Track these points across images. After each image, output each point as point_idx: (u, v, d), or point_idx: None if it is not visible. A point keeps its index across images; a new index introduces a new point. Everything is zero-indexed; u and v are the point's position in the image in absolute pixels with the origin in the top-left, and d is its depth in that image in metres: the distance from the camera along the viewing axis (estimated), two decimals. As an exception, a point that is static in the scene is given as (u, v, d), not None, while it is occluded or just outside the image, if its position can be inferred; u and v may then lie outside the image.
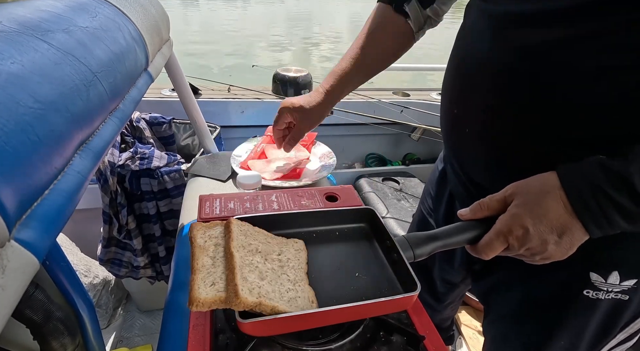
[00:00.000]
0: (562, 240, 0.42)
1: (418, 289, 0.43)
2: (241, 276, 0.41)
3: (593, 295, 0.50)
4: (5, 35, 0.32)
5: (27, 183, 0.27)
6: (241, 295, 0.38)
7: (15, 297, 0.25)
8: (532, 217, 0.42)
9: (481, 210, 0.47)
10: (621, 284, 0.49)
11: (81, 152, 0.37)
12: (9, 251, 0.24)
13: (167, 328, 0.57)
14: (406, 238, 0.48)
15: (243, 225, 0.49)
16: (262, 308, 0.39)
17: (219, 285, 0.41)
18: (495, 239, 0.44)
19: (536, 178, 0.43)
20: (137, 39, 0.57)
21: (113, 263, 1.23)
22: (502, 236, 0.44)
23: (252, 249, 0.47)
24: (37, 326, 0.39)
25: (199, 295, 0.40)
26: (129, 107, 0.51)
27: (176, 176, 1.11)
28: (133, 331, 1.39)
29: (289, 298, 0.43)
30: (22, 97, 0.28)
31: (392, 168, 1.95)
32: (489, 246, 0.45)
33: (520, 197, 0.43)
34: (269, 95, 1.72)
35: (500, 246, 0.44)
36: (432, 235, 0.47)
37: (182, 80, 0.99)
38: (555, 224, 0.41)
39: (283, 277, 0.46)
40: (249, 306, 0.39)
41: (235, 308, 0.39)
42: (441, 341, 0.49)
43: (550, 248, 0.42)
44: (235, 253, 0.43)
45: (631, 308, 0.51)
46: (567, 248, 0.42)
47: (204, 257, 0.45)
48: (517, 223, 0.42)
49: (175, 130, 1.38)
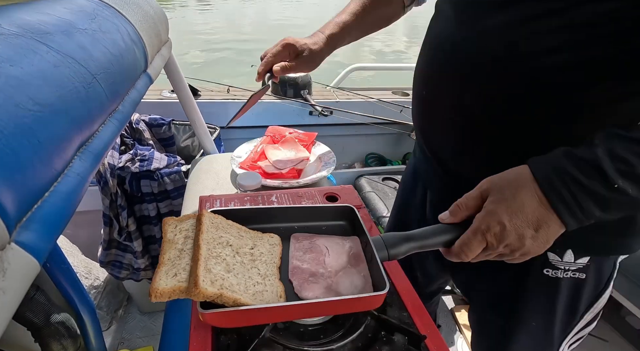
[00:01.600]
0: (539, 234, 0.42)
1: (386, 289, 0.43)
2: (205, 267, 0.41)
3: (553, 274, 0.53)
4: (4, 38, 0.32)
5: (27, 186, 0.27)
6: (201, 285, 0.38)
7: (16, 300, 0.25)
8: (509, 212, 0.41)
9: (460, 210, 0.46)
10: (576, 262, 0.52)
11: (81, 154, 0.37)
12: (9, 253, 0.24)
13: (169, 329, 0.57)
14: (382, 238, 0.48)
15: (215, 218, 0.49)
16: (224, 300, 0.39)
17: (180, 276, 0.41)
18: (472, 238, 0.43)
19: (510, 172, 0.44)
20: (135, 40, 0.57)
21: (113, 265, 1.23)
22: (479, 234, 0.43)
23: (222, 242, 0.47)
24: (38, 329, 0.40)
25: (158, 286, 0.40)
26: (128, 108, 0.52)
27: (176, 177, 1.11)
28: (134, 332, 1.39)
29: (255, 292, 0.43)
30: (21, 99, 0.28)
31: (392, 167, 1.95)
32: (467, 246, 0.44)
33: (495, 193, 0.43)
34: (268, 96, 1.72)
35: (479, 245, 0.44)
36: (408, 236, 0.47)
37: (181, 82, 0.99)
38: (531, 218, 0.41)
39: (253, 271, 0.46)
40: (208, 297, 0.38)
41: (194, 299, 0.39)
42: (442, 340, 0.49)
43: (527, 242, 0.42)
44: (203, 245, 0.43)
45: (590, 287, 0.54)
46: (544, 242, 0.42)
47: (171, 250, 0.45)
48: (494, 219, 0.42)
49: (175, 132, 1.38)
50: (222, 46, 7.62)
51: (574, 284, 0.53)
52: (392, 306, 0.54)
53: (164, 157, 1.14)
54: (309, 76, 1.76)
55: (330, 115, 1.68)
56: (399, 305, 0.54)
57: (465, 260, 0.45)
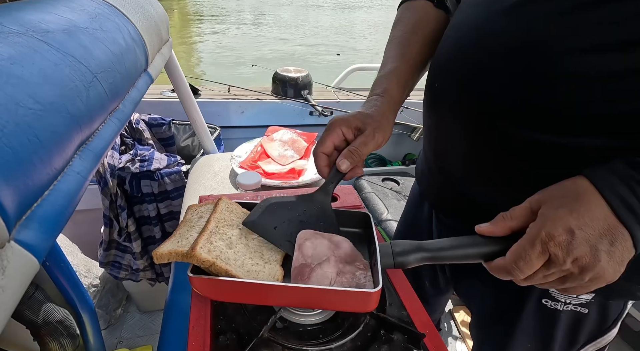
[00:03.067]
0: (615, 249, 0.33)
1: (377, 288, 0.42)
2: (207, 238, 0.44)
3: (552, 305, 0.51)
4: (5, 36, 0.32)
5: (27, 184, 0.27)
6: (197, 250, 0.41)
7: (15, 298, 0.25)
8: (576, 217, 0.33)
9: (504, 220, 0.38)
10: (579, 297, 0.49)
11: (81, 153, 0.37)
12: (9, 252, 0.24)
13: (167, 328, 0.57)
14: (391, 244, 0.45)
15: (231, 204, 0.52)
16: (216, 269, 0.42)
17: (181, 243, 0.45)
18: (530, 248, 0.34)
19: (565, 182, 0.37)
20: (136, 39, 0.57)
21: (113, 265, 1.23)
22: (539, 244, 0.34)
23: (232, 224, 0.49)
24: (37, 327, 0.40)
25: (158, 249, 0.43)
26: (128, 107, 0.52)
27: (176, 178, 1.11)
28: (133, 332, 1.39)
29: (250, 270, 0.44)
30: (22, 98, 0.28)
31: (392, 168, 1.95)
32: (523, 258, 0.35)
33: (555, 199, 0.35)
34: (268, 96, 1.72)
35: (538, 259, 0.35)
36: (420, 246, 0.43)
37: (181, 81, 0.99)
38: (604, 227, 0.33)
39: (256, 254, 0.47)
40: (202, 262, 0.41)
41: (190, 261, 0.41)
42: (441, 339, 0.49)
43: (603, 258, 0.33)
44: (212, 221, 0.46)
45: (593, 322, 0.51)
46: (619, 262, 0.34)
47: (184, 226, 0.49)
48: (558, 224, 0.33)
49: (175, 131, 1.38)
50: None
51: (575, 317, 0.50)
52: (391, 306, 0.54)
53: (164, 157, 1.14)
54: (310, 76, 1.76)
55: (330, 115, 1.68)
56: (398, 304, 0.54)
57: (519, 277, 0.36)
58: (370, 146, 0.51)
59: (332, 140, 0.51)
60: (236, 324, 0.49)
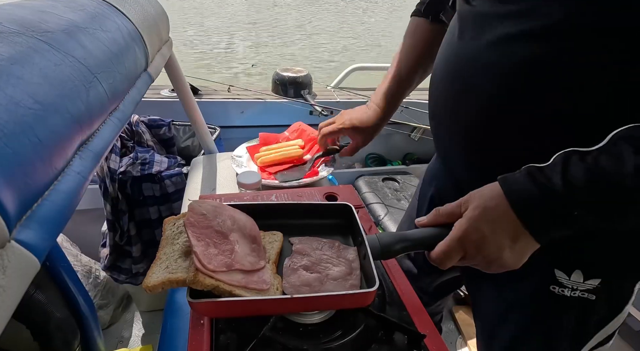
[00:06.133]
0: (516, 246, 0.42)
1: (375, 286, 0.43)
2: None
3: (559, 292, 0.52)
4: (5, 36, 0.32)
5: (27, 184, 0.27)
6: (200, 275, 0.40)
7: (15, 298, 0.25)
8: (488, 221, 0.42)
9: (436, 216, 0.47)
10: (585, 282, 0.50)
11: (81, 153, 0.37)
12: (9, 252, 0.24)
13: (168, 328, 0.57)
14: (377, 236, 0.49)
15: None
16: (219, 291, 0.41)
17: (172, 267, 0.43)
18: (451, 245, 0.44)
19: (487, 187, 0.44)
20: (136, 39, 0.57)
21: (113, 269, 1.22)
22: (458, 241, 0.43)
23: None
24: (37, 327, 0.40)
25: (149, 282, 0.41)
26: (128, 107, 0.52)
27: (177, 180, 1.11)
28: (133, 331, 1.39)
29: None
30: (22, 98, 0.28)
31: (392, 168, 1.95)
32: (445, 253, 0.44)
33: (475, 202, 0.43)
34: (268, 96, 1.72)
35: (457, 254, 0.44)
36: (403, 236, 0.48)
37: (182, 81, 0.99)
38: (508, 229, 0.41)
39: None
40: (205, 286, 0.40)
41: (193, 287, 0.40)
42: (441, 340, 0.49)
43: (505, 254, 0.42)
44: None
45: (600, 308, 0.52)
46: (520, 255, 0.43)
47: (167, 246, 0.47)
48: (474, 226, 0.42)
49: (175, 132, 1.38)
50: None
51: (582, 304, 0.52)
52: (391, 306, 0.54)
53: (164, 160, 1.13)
54: (309, 76, 1.76)
55: (330, 115, 1.68)
56: (398, 305, 0.54)
57: (443, 267, 0.46)
58: (350, 151, 0.86)
59: (338, 135, 0.86)
60: (236, 324, 0.49)
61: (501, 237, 0.42)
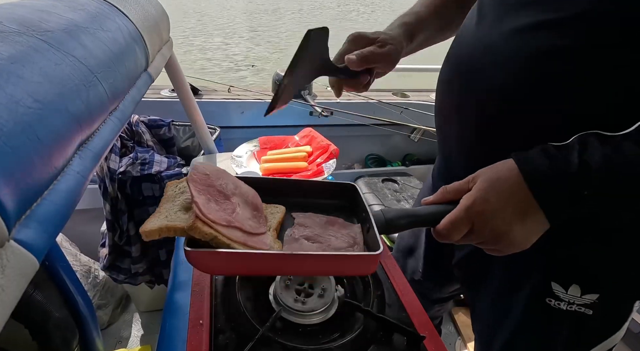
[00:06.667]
0: (527, 223, 0.40)
1: (380, 250, 0.42)
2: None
3: (555, 305, 0.51)
4: (5, 35, 0.32)
5: (27, 184, 0.27)
6: (198, 223, 0.39)
7: (14, 297, 0.24)
8: (498, 192, 0.40)
9: (443, 193, 0.45)
10: (583, 297, 0.49)
11: (81, 152, 0.37)
12: (8, 251, 0.24)
13: (167, 328, 0.57)
14: (382, 211, 0.47)
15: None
16: (218, 242, 0.40)
17: (170, 217, 0.42)
18: (458, 215, 0.42)
19: (498, 163, 0.43)
20: (137, 39, 0.57)
21: (112, 269, 1.22)
22: (465, 211, 0.41)
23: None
24: (36, 327, 0.40)
25: (146, 227, 0.40)
26: (128, 107, 0.51)
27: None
28: (132, 331, 1.39)
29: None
30: (22, 97, 0.28)
31: (391, 168, 1.95)
32: (452, 223, 0.42)
33: (485, 176, 0.42)
34: (268, 96, 1.72)
35: (464, 225, 0.42)
36: (409, 212, 0.47)
37: (182, 81, 0.99)
38: (519, 203, 0.40)
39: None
40: (203, 235, 0.39)
41: (191, 234, 0.39)
42: (441, 341, 0.49)
43: (515, 229, 0.40)
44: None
45: (598, 324, 0.51)
46: (530, 233, 0.41)
47: (167, 202, 0.46)
48: (483, 197, 0.41)
49: (175, 133, 1.38)
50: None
51: (579, 318, 0.51)
52: (391, 307, 0.54)
53: (164, 160, 1.13)
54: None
55: (330, 115, 1.68)
56: (397, 306, 0.54)
57: (450, 240, 0.43)
58: (384, 63, 0.57)
59: (365, 43, 0.55)
60: (236, 324, 0.49)
61: (511, 210, 0.40)
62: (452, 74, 0.55)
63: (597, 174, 0.37)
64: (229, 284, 0.55)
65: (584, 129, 0.40)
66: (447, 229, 0.43)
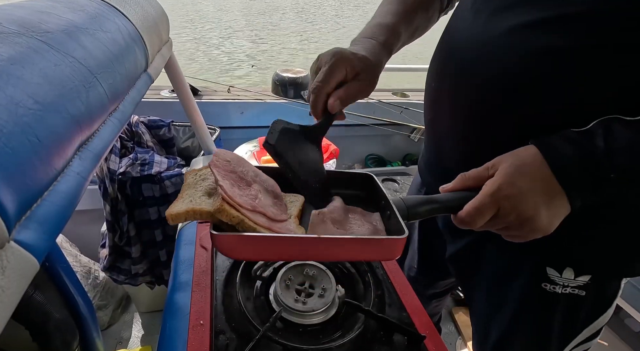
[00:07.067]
0: (551, 207, 0.40)
1: (405, 233, 0.42)
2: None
3: (551, 289, 0.52)
4: (5, 36, 0.32)
5: (26, 185, 0.27)
6: (226, 205, 0.39)
7: (14, 298, 0.24)
8: (524, 176, 0.40)
9: (463, 180, 0.45)
10: (576, 279, 0.51)
11: (81, 153, 0.37)
12: (8, 252, 0.24)
13: (167, 329, 0.57)
14: (402, 198, 0.47)
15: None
16: (245, 226, 0.40)
17: (195, 202, 0.42)
18: (483, 201, 0.41)
19: (518, 149, 0.43)
20: (136, 40, 0.57)
21: (113, 269, 1.22)
22: (491, 197, 0.41)
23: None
24: (36, 328, 0.40)
25: (172, 210, 0.40)
26: (128, 108, 0.51)
27: (177, 180, 1.11)
28: (133, 332, 1.39)
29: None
30: (21, 98, 0.28)
31: (391, 168, 1.95)
32: (477, 209, 0.41)
33: (509, 160, 0.42)
34: (268, 96, 1.72)
35: (489, 210, 0.41)
36: (430, 199, 0.46)
37: (181, 82, 0.99)
38: (544, 187, 0.40)
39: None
40: (230, 218, 0.39)
41: (218, 217, 0.39)
42: (441, 341, 0.49)
43: (541, 213, 0.40)
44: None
45: (589, 304, 0.53)
46: (553, 218, 0.41)
47: (189, 189, 0.46)
48: (509, 181, 0.40)
49: (175, 133, 1.38)
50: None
51: (572, 299, 0.53)
52: (391, 306, 0.54)
53: (164, 160, 1.13)
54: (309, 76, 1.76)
55: (330, 115, 1.68)
56: (398, 305, 0.54)
57: (473, 226, 0.43)
58: (363, 95, 0.54)
59: (337, 81, 0.51)
60: (236, 324, 0.49)
61: (538, 194, 0.40)
62: (445, 70, 0.55)
63: (623, 158, 0.37)
64: (229, 284, 0.55)
65: (579, 124, 0.41)
66: (470, 215, 0.42)
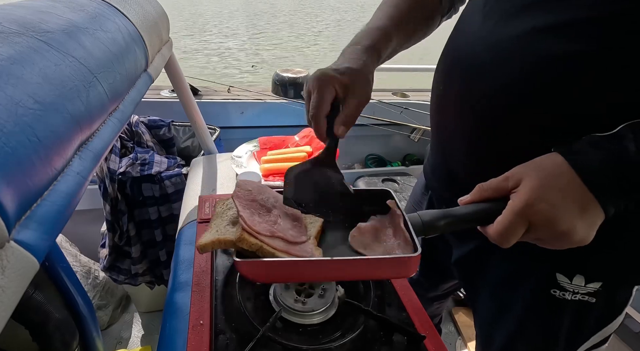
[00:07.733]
0: (586, 218, 0.38)
1: (418, 251, 0.42)
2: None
3: (560, 295, 0.51)
4: (5, 36, 0.32)
5: (26, 184, 0.27)
6: (245, 234, 0.43)
7: (14, 298, 0.24)
8: (555, 189, 0.38)
9: (481, 191, 0.43)
10: (587, 286, 0.50)
11: (81, 153, 0.37)
12: (8, 252, 0.24)
13: (167, 329, 0.57)
14: (418, 214, 0.46)
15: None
16: (263, 252, 0.43)
17: (220, 232, 0.47)
18: (513, 220, 0.39)
19: (541, 158, 0.41)
20: (136, 39, 0.57)
21: (113, 269, 1.22)
22: (520, 214, 0.38)
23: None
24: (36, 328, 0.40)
25: (200, 242, 0.46)
26: (128, 107, 0.52)
27: (177, 180, 1.11)
28: (133, 332, 1.39)
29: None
30: (22, 98, 0.28)
31: (391, 168, 1.95)
32: (507, 229, 0.39)
33: (533, 172, 0.39)
34: (268, 96, 1.72)
35: (520, 228, 0.39)
36: (446, 213, 0.44)
37: (181, 81, 0.99)
38: (576, 199, 0.38)
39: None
40: (250, 245, 0.43)
41: (239, 245, 0.43)
42: (441, 341, 0.49)
43: (578, 226, 0.38)
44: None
45: (599, 310, 0.52)
46: (590, 228, 0.39)
47: (217, 219, 0.51)
48: (537, 196, 0.38)
49: (175, 133, 1.38)
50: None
51: (582, 306, 0.51)
52: (391, 307, 0.54)
53: (164, 160, 1.13)
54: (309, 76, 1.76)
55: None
56: (398, 306, 0.54)
57: (505, 246, 0.41)
58: (363, 105, 0.54)
59: (329, 102, 0.51)
60: (236, 324, 0.49)
61: (570, 206, 0.38)
62: (452, 74, 0.55)
63: None
64: (229, 284, 0.55)
65: (593, 129, 0.40)
66: (501, 235, 0.40)
